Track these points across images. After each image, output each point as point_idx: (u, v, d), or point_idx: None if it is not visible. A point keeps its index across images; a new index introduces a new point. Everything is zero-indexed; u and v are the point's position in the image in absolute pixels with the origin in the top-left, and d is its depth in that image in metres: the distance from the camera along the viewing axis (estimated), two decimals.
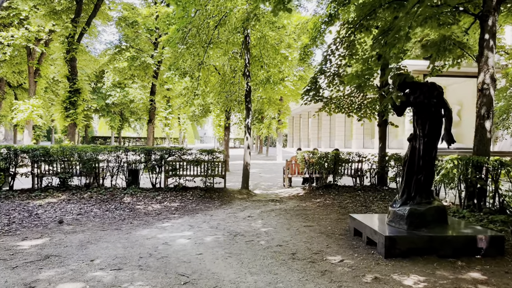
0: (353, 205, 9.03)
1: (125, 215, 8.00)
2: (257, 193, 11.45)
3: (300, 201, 9.86)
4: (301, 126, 43.39)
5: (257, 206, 9.26)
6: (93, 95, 39.16)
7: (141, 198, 9.61)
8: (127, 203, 9.12)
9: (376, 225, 5.68)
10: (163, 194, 10.01)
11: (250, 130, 11.13)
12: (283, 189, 12.06)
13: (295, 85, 25.43)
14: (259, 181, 14.78)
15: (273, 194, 11.14)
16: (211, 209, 8.87)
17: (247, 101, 11.05)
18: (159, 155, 10.58)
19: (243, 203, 9.60)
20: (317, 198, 10.10)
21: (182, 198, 9.82)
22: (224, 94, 10.97)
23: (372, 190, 10.82)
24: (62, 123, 17.49)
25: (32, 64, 21.71)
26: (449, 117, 5.41)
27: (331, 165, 11.37)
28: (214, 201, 9.77)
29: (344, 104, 12.43)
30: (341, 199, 9.77)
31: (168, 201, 9.49)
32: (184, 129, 41.20)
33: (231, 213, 8.32)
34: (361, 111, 12.33)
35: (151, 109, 18.60)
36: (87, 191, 9.96)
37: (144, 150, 10.46)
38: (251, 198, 10.33)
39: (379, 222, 5.96)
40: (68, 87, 17.14)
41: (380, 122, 11.55)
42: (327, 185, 11.19)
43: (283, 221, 7.53)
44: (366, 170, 11.69)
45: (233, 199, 10.16)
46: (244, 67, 11.01)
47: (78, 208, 8.48)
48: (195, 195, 10.10)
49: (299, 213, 8.34)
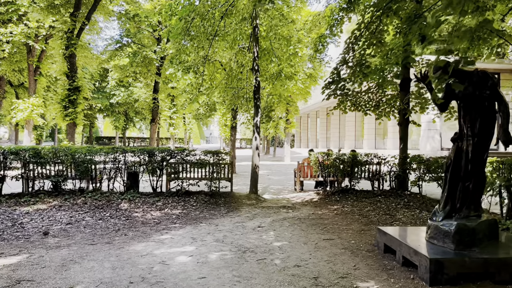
0: (375, 213, 8.07)
1: (120, 225, 7.11)
2: (267, 198, 10.53)
3: (315, 208, 8.92)
4: (309, 126, 42.38)
5: (268, 213, 8.34)
6: (97, 95, 38.52)
7: (139, 204, 8.73)
8: (123, 210, 8.24)
9: (414, 242, 4.73)
10: (164, 200, 9.13)
11: (259, 129, 10.22)
12: (294, 194, 11.13)
13: (304, 83, 24.49)
14: (268, 184, 13.86)
15: (284, 200, 10.21)
16: (217, 217, 7.96)
17: (255, 98, 10.14)
18: (160, 157, 9.70)
19: (252, 210, 8.69)
20: (333, 205, 9.15)
21: (185, 204, 8.93)
22: (231, 91, 10.06)
23: (393, 195, 9.84)
24: (61, 123, 16.70)
25: (32, 61, 21.01)
26: (506, 112, 4.44)
27: (347, 167, 10.41)
28: (219, 207, 8.87)
29: (361, 101, 11.49)
30: (361, 206, 8.81)
31: (169, 207, 8.60)
32: (190, 129, 40.38)
33: (239, 223, 7.41)
34: (379, 109, 11.39)
35: (154, 108, 17.74)
36: (81, 196, 9.11)
37: (143, 151, 9.59)
38: (260, 204, 9.41)
39: (416, 238, 5.01)
40: (67, 85, 16.34)
41: (401, 120, 10.57)
42: (344, 189, 10.23)
43: (299, 232, 6.60)
44: (385, 173, 10.71)
45: (241, 205, 9.25)
46: (253, 60, 10.10)
47: (68, 216, 7.62)
48: (199, 200, 9.20)
49: (315, 222, 7.40)
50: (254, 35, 10.02)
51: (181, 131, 37.46)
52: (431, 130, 19.35)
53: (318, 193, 10.65)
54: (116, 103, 38.42)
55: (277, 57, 9.58)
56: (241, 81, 10.33)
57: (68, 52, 16.06)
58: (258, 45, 10.03)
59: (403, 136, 10.64)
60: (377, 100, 11.33)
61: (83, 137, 41.61)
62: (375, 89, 11.16)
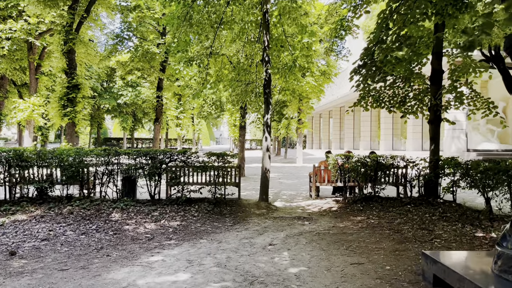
0: (408, 227, 6.80)
1: (104, 241, 5.99)
2: (279, 206, 9.34)
3: (335, 219, 7.69)
4: (322, 126, 41.03)
5: (281, 226, 7.14)
6: (105, 95, 37.78)
7: (133, 215, 7.61)
8: (113, 222, 7.13)
9: (481, 278, 3.48)
10: (161, 209, 8.00)
11: (270, 128, 9.03)
12: (310, 201, 9.91)
13: (317, 81, 23.23)
14: (280, 189, 12.65)
15: (299, 208, 9.00)
16: (220, 230, 6.80)
17: (266, 93, 8.96)
18: (158, 160, 8.57)
19: (261, 222, 7.50)
20: (356, 215, 7.91)
21: (185, 214, 7.78)
22: (238, 85, 8.91)
23: (424, 203, 8.55)
24: (58, 122, 15.74)
25: (33, 59, 20.14)
26: None
27: (370, 171, 9.16)
28: (224, 218, 7.70)
29: (384, 97, 10.22)
30: (389, 217, 7.54)
31: (166, 218, 7.46)
32: (199, 129, 39.37)
33: (246, 239, 6.23)
34: (406, 106, 10.11)
35: (158, 106, 16.68)
36: (68, 204, 8.03)
37: (139, 154, 8.48)
38: (271, 214, 8.21)
39: (480, 269, 3.76)
40: (66, 82, 15.37)
41: (432, 118, 9.27)
42: (366, 196, 8.98)
43: (319, 253, 5.39)
44: (413, 177, 9.42)
45: (249, 215, 8.06)
46: (263, 51, 8.93)
47: (47, 229, 6.53)
48: (202, 210, 8.04)
49: (337, 239, 6.18)
50: (265, 22, 8.85)
51: (190, 132, 36.47)
52: (456, 130, 17.92)
53: (337, 201, 9.41)
54: (124, 103, 37.61)
55: (291, 45, 8.39)
56: (249, 75, 9.17)
57: (66, 48, 15.08)
58: (268, 33, 8.85)
59: (434, 135, 9.34)
60: (403, 95, 10.05)
61: (91, 138, 40.91)
62: (401, 83, 9.90)
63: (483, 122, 20.51)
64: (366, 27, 29.95)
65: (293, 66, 8.18)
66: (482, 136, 20.30)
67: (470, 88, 9.54)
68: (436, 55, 9.36)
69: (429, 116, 9.42)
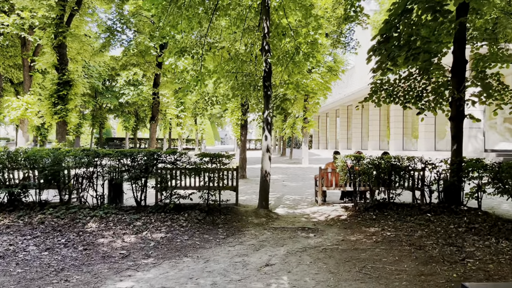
0: (432, 241, 5.74)
1: (69, 260, 5.03)
2: (281, 213, 8.33)
3: (344, 231, 6.65)
4: (328, 126, 39.90)
5: (281, 239, 6.13)
6: (106, 94, 36.98)
7: (112, 225, 6.65)
8: (88, 234, 6.17)
9: None
10: (146, 218, 7.03)
11: (271, 125, 8.01)
12: (316, 207, 8.88)
13: (323, 78, 22.15)
14: (283, 192, 11.63)
15: (303, 216, 7.98)
16: (210, 245, 5.80)
17: (266, 86, 7.95)
18: (143, 162, 7.60)
19: (259, 234, 6.49)
20: (369, 226, 6.86)
21: (172, 224, 6.80)
22: (233, 77, 7.89)
23: (446, 211, 7.48)
24: (49, 121, 14.90)
25: (27, 56, 19.32)
26: None
27: (383, 174, 8.11)
28: (217, 229, 6.70)
29: (398, 91, 9.18)
30: (408, 229, 6.49)
31: (150, 229, 6.49)
32: (202, 129, 38.43)
33: (239, 256, 5.23)
34: (423, 101, 9.06)
35: (154, 104, 15.74)
36: (40, 212, 7.09)
37: (122, 155, 7.51)
38: (271, 224, 7.20)
39: None
40: (56, 79, 14.51)
41: (454, 114, 8.20)
42: (380, 203, 7.92)
43: (326, 277, 4.38)
44: (432, 181, 8.35)
45: (246, 225, 7.06)
46: (262, 38, 7.92)
47: (8, 243, 5.59)
48: (191, 219, 7.05)
49: (348, 257, 5.15)
50: (264, 7, 7.83)
51: (193, 132, 35.57)
52: (473, 129, 16.74)
53: (346, 208, 8.37)
54: (126, 102, 36.77)
55: (293, 30, 7.35)
56: (247, 65, 8.17)
57: (56, 42, 14.24)
58: (269, 19, 7.84)
59: (457, 133, 8.26)
60: (419, 89, 9.00)
61: (92, 137, 40.09)
62: (418, 75, 8.85)
63: (500, 120, 19.30)
64: (374, 22, 28.85)
65: (295, 54, 7.16)
66: (500, 135, 19.09)
67: (497, 80, 8.45)
68: (459, 43, 8.28)
69: (451, 112, 8.35)
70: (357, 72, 35.32)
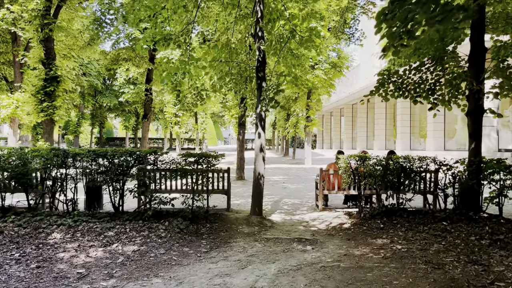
0: (451, 258, 4.82)
1: (14, 281, 4.18)
2: (276, 220, 7.43)
3: (348, 243, 5.74)
4: (333, 125, 38.93)
5: (273, 253, 5.24)
6: (106, 93, 36.29)
7: (79, 235, 5.79)
8: (49, 246, 5.32)
9: None
10: (121, 226, 6.17)
11: (264, 121, 7.11)
12: (316, 213, 7.97)
13: (327, 74, 21.20)
14: (282, 196, 10.73)
15: (302, 224, 7.07)
16: (189, 260, 4.92)
17: (259, 77, 7.06)
18: (120, 163, 6.74)
19: (249, 246, 5.60)
20: (376, 237, 5.95)
21: (149, 234, 5.93)
22: (223, 67, 7.01)
23: (463, 219, 6.55)
24: (35, 119, 14.10)
25: (18, 52, 18.56)
26: None
27: (392, 177, 7.19)
28: (200, 240, 5.82)
29: (408, 84, 8.26)
30: (421, 241, 5.57)
31: (122, 240, 5.62)
32: (204, 128, 37.56)
33: (221, 276, 4.35)
34: (435, 94, 8.13)
35: (147, 101, 14.90)
36: (1, 219, 6.26)
37: (95, 155, 6.64)
38: (264, 234, 6.31)
39: None
40: (43, 74, 13.71)
41: (472, 108, 7.27)
42: (388, 209, 6.99)
43: None
44: (446, 184, 7.42)
45: (234, 235, 6.17)
46: (255, 23, 7.03)
47: None
48: (172, 228, 6.18)
49: (352, 278, 4.25)
50: None
51: (194, 131, 34.78)
52: (486, 127, 15.72)
53: (349, 214, 7.45)
54: (126, 101, 36.06)
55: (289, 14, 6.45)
56: (237, 54, 7.27)
57: (42, 35, 13.43)
58: (262, 2, 6.94)
59: (475, 131, 7.32)
60: (432, 81, 8.08)
61: (92, 137, 39.38)
62: (431, 66, 7.93)
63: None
64: None
65: (290, 37, 6.26)
66: None
67: None
68: (477, 28, 7.34)
69: (468, 106, 7.42)
70: (362, 70, 34.34)
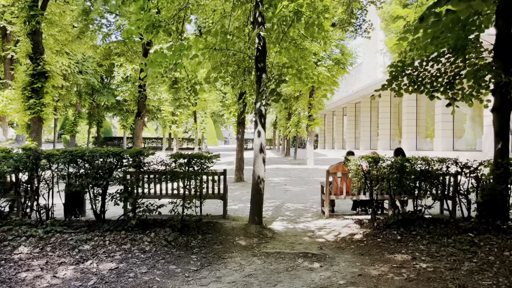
0: (490, 282, 4.00)
1: None
2: (278, 228, 6.63)
3: (361, 259, 4.92)
4: (335, 124, 38.12)
5: (275, 273, 4.43)
6: (103, 91, 35.50)
7: (50, 249, 4.99)
8: (11, 263, 4.52)
9: None
10: (99, 238, 5.37)
11: (265, 119, 6.30)
12: (322, 220, 7.16)
13: (330, 71, 20.39)
14: (283, 200, 9.93)
15: (307, 234, 6.26)
16: (174, 282, 4.12)
17: (258, 69, 6.26)
18: (100, 165, 5.94)
19: (246, 263, 4.79)
20: (394, 251, 5.13)
21: (131, 247, 5.13)
22: (218, 56, 6.20)
23: (491, 229, 5.74)
24: (22, 117, 13.34)
25: (7, 47, 17.78)
26: None
27: (409, 181, 6.38)
28: (189, 255, 5.01)
29: (424, 77, 7.45)
30: (449, 257, 4.75)
31: (99, 256, 4.82)
32: (203, 128, 36.76)
33: None
34: (454, 89, 7.33)
35: (140, 98, 14.15)
36: None
37: (70, 156, 5.84)
38: (264, 247, 5.49)
39: None
40: (31, 69, 12.95)
41: (498, 104, 6.47)
42: (405, 218, 6.17)
43: None
44: (468, 189, 6.61)
45: (230, 248, 5.36)
46: (254, 7, 6.23)
47: None
48: (159, 240, 5.38)
49: None
50: None
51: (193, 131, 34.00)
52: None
53: (360, 223, 6.63)
54: (123, 100, 35.23)
55: None
56: (234, 44, 6.47)
57: (29, 28, 12.65)
58: None
59: (502, 128, 6.55)
60: (451, 74, 7.27)
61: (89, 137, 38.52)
62: (452, 57, 7.12)
63: None
64: (383, 13, 27.00)
65: (295, 20, 5.45)
66: None
67: None
68: (503, 14, 6.53)
69: (494, 102, 6.62)
70: (365, 68, 33.55)
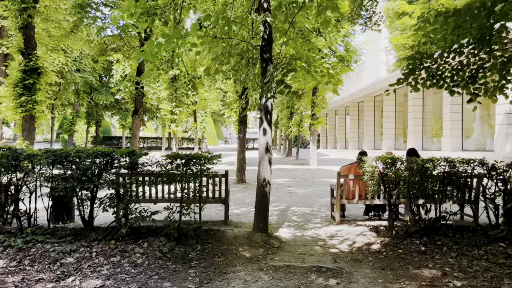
0: None
1: None
2: (285, 236, 6.01)
3: (383, 274, 4.31)
4: (337, 123, 37.50)
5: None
6: (101, 90, 34.91)
7: (28, 262, 4.39)
8: None
9: None
10: (85, 249, 4.75)
11: (271, 115, 5.69)
12: (332, 226, 6.55)
13: (334, 69, 19.75)
14: (289, 203, 9.31)
15: (317, 244, 5.64)
16: None
17: (264, 59, 5.66)
18: (87, 166, 5.32)
19: (251, 278, 4.17)
20: (420, 266, 4.51)
21: (121, 260, 4.52)
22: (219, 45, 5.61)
23: None
24: (13, 115, 12.74)
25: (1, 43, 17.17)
26: None
27: (432, 184, 5.76)
28: (187, 269, 4.40)
29: (444, 71, 6.83)
30: (484, 273, 4.14)
31: (83, 271, 4.21)
32: (203, 127, 36.17)
33: None
34: (477, 83, 6.71)
35: (138, 95, 13.55)
36: None
37: (52, 156, 5.23)
38: (271, 259, 4.88)
39: None
40: (22, 65, 12.35)
41: None
42: (429, 226, 5.55)
43: None
44: (494, 193, 5.99)
45: (233, 261, 4.75)
46: None
47: None
48: (152, 251, 4.77)
49: None
50: None
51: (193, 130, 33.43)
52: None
53: (376, 230, 6.01)
54: (122, 99, 34.65)
55: None
56: (236, 34, 5.88)
57: (21, 21, 12.05)
58: None
59: None
60: (475, 67, 6.65)
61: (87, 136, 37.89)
62: (476, 48, 6.50)
63: None
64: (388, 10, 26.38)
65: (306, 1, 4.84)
66: None
67: None
68: None
69: None
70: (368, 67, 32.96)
